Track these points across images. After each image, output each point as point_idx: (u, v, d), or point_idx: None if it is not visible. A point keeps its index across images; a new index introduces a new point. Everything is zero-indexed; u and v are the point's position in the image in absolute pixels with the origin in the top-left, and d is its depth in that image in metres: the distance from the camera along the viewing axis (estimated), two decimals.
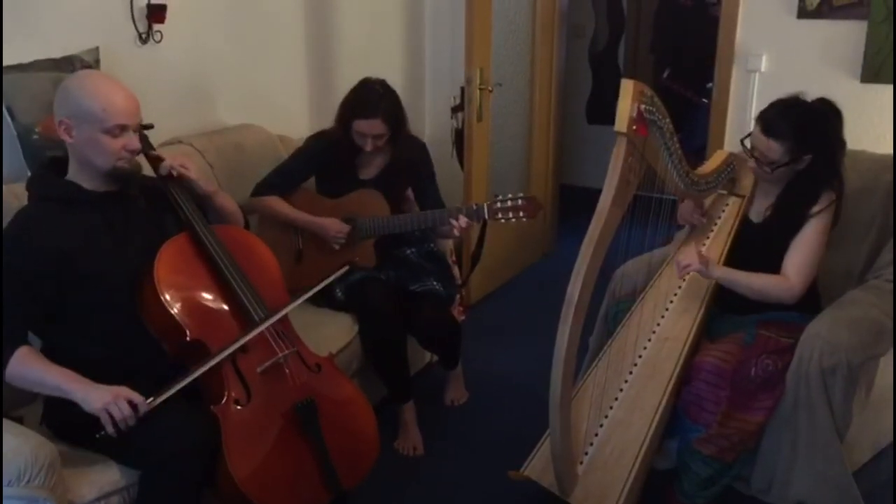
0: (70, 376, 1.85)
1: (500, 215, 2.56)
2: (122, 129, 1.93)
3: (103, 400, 1.80)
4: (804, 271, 2.28)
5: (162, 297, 1.95)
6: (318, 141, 2.86)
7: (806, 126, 2.24)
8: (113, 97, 1.92)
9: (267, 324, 2.03)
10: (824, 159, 2.28)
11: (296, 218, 2.77)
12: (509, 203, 2.56)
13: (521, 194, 2.57)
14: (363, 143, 2.70)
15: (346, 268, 2.27)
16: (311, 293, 2.16)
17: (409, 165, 2.84)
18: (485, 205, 2.58)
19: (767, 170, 2.29)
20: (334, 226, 2.72)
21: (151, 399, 1.84)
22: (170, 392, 1.86)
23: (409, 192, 2.93)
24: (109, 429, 1.80)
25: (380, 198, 2.75)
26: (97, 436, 1.81)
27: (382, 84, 2.74)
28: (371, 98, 2.68)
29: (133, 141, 1.96)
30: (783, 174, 2.31)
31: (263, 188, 2.80)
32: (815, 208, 2.28)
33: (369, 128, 2.66)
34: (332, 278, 2.22)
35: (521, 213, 2.55)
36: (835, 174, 2.32)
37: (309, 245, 2.80)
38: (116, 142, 1.93)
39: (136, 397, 1.82)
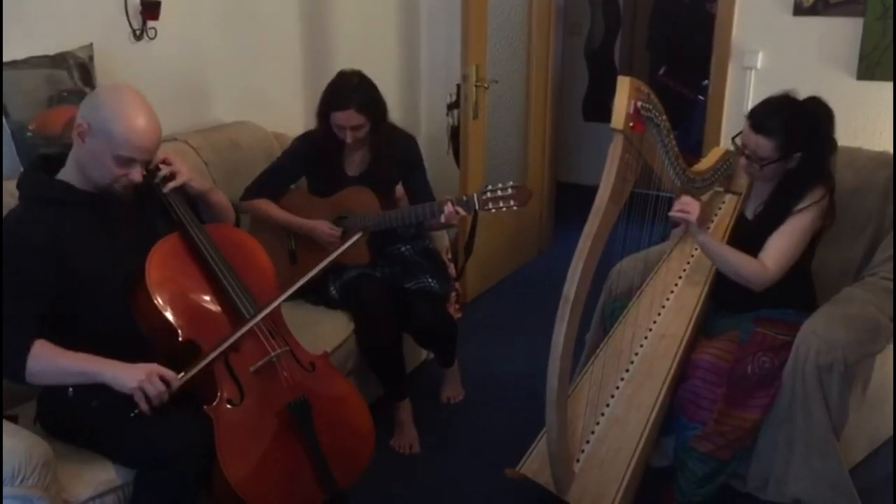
0: (94, 359, 1.84)
1: (490, 205, 2.54)
2: (133, 161, 1.92)
3: (137, 378, 1.80)
4: (780, 261, 2.28)
5: (153, 298, 1.94)
6: (303, 141, 2.86)
7: (796, 124, 2.24)
8: (140, 130, 1.89)
9: (259, 317, 2.02)
10: (814, 158, 2.29)
11: (286, 221, 2.76)
12: (499, 192, 2.53)
13: (511, 183, 2.55)
14: (343, 135, 2.68)
15: (359, 234, 2.23)
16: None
17: (396, 159, 2.82)
18: (475, 195, 2.56)
19: (757, 166, 2.30)
20: (325, 229, 2.71)
21: (182, 374, 1.85)
22: (199, 366, 1.88)
23: (401, 189, 2.92)
24: (144, 406, 1.81)
25: (369, 194, 2.74)
26: (132, 414, 1.81)
27: (358, 74, 2.72)
28: (344, 90, 2.67)
29: (136, 174, 1.94)
30: (773, 172, 2.31)
31: (253, 191, 2.79)
32: (801, 205, 2.28)
33: (345, 119, 2.65)
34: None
35: (511, 202, 2.52)
36: (825, 174, 2.33)
37: (302, 245, 2.79)
38: (121, 169, 1.92)
39: (168, 373, 1.83)
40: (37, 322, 1.88)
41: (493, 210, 2.54)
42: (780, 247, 2.28)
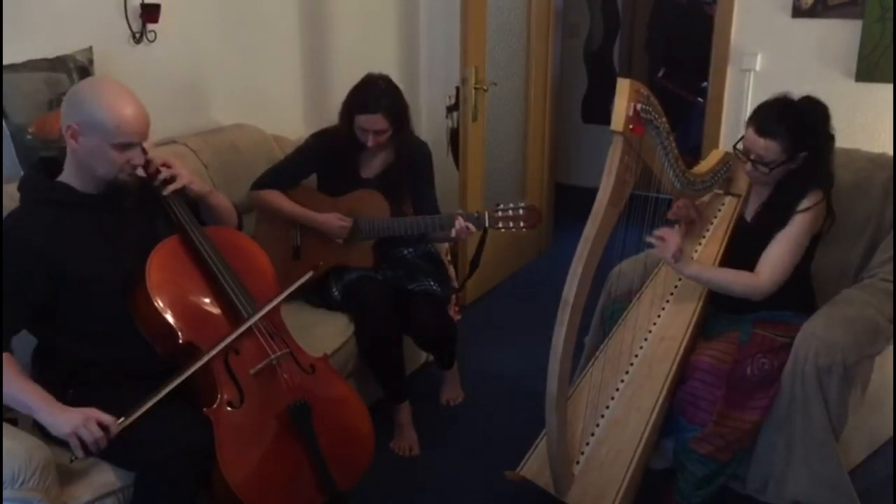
0: (41, 396, 1.80)
1: (500, 224, 2.58)
2: (131, 145, 1.93)
3: (72, 423, 1.75)
4: (778, 268, 2.27)
5: (153, 301, 1.94)
6: (319, 139, 2.86)
7: (800, 124, 2.24)
8: (127, 113, 1.90)
9: (252, 320, 2.01)
10: (816, 156, 2.29)
11: (294, 213, 2.76)
12: (510, 212, 2.57)
13: (522, 203, 2.58)
14: (365, 138, 2.70)
15: (310, 273, 2.19)
16: (289, 291, 2.12)
17: (411, 166, 2.83)
18: (486, 213, 2.58)
19: (765, 170, 2.28)
20: (336, 220, 2.71)
21: (122, 419, 1.80)
22: (142, 410, 1.82)
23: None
24: (79, 453, 1.76)
25: (380, 199, 2.75)
26: (70, 461, 1.78)
27: (385, 80, 2.74)
28: (373, 94, 2.68)
29: (137, 156, 1.96)
30: (780, 174, 2.31)
31: (263, 182, 2.80)
32: (802, 205, 2.28)
33: (370, 123, 2.66)
34: (305, 278, 2.17)
35: (521, 223, 2.57)
36: (825, 171, 2.33)
37: (307, 241, 2.79)
38: (122, 156, 1.92)
39: (106, 418, 1.77)
40: (12, 331, 1.88)
41: (503, 229, 2.57)
42: (776, 255, 2.28)
